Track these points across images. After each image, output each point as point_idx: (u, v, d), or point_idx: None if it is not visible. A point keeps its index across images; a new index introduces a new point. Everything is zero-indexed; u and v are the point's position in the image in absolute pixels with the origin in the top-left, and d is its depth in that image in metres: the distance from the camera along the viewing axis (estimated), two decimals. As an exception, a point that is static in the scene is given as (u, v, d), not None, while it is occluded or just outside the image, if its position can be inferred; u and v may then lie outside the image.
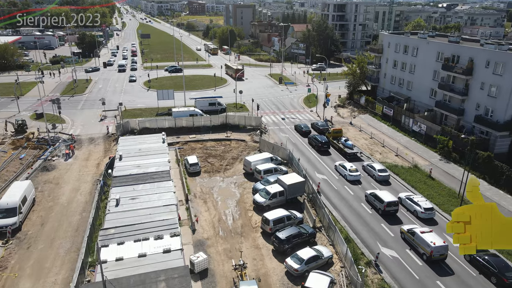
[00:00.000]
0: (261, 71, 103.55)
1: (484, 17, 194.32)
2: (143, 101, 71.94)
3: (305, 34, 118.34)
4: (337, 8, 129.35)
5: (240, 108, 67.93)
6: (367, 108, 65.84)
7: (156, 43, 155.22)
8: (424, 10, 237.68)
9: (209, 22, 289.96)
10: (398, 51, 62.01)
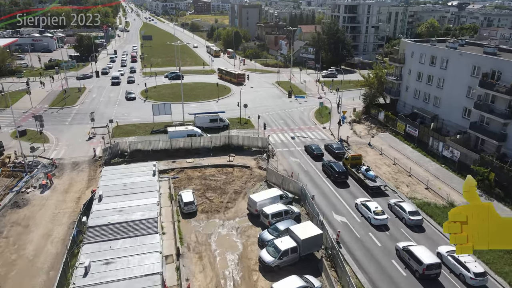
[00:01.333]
0: (268, 78, 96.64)
1: (501, 17, 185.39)
2: (138, 114, 65.43)
3: (314, 37, 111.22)
4: (348, 9, 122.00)
5: (245, 124, 61.20)
6: (387, 125, 58.78)
7: (158, 45, 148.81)
8: (436, 9, 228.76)
9: (214, 22, 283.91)
10: (423, 62, 54.85)
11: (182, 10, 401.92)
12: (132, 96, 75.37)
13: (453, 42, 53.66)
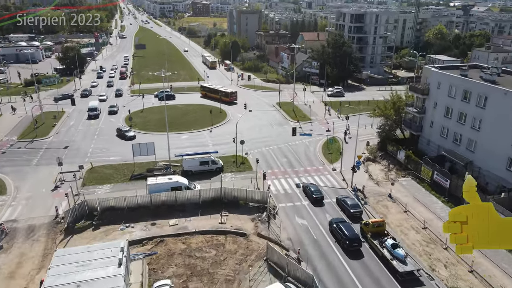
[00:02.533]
0: (268, 97, 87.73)
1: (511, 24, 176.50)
2: (118, 150, 56.58)
3: (318, 50, 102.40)
4: (354, 18, 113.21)
5: (242, 164, 52.37)
6: (408, 167, 49.99)
7: (152, 54, 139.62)
8: (443, 15, 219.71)
9: (213, 26, 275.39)
10: (453, 96, 46.09)
11: (181, 12, 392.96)
12: (128, 134, 64.99)
13: (490, 73, 44.85)
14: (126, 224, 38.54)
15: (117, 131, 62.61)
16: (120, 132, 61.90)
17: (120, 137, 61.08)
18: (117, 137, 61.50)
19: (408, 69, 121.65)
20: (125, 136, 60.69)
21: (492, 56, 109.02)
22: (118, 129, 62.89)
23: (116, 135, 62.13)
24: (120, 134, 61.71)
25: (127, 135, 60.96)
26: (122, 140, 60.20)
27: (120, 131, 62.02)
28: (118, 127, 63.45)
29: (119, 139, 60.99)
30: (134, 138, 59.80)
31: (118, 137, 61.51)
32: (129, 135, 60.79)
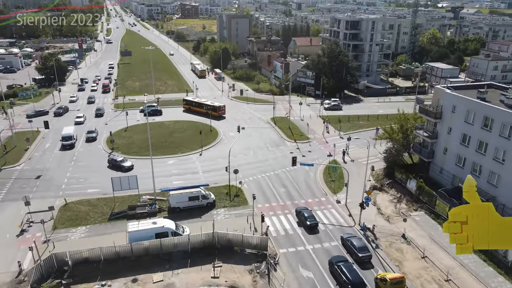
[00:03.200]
0: (262, 111, 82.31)
1: (507, 28, 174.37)
2: (98, 180, 50.63)
3: (314, 60, 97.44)
4: (350, 25, 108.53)
5: (236, 197, 46.95)
6: (420, 198, 45.19)
7: (138, 61, 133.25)
8: (435, 18, 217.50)
9: (202, 29, 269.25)
10: (471, 122, 41.39)
11: (169, 14, 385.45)
12: (91, 137, 62.27)
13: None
14: (102, 281, 32.88)
15: (110, 162, 54.38)
16: (114, 162, 53.83)
17: (115, 168, 53.20)
18: (110, 169, 53.50)
19: (405, 77, 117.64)
20: (121, 167, 52.88)
21: (492, 64, 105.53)
22: (110, 160, 54.65)
23: (108, 166, 54.24)
24: (114, 165, 53.61)
25: (124, 165, 53.11)
26: (110, 170, 53.72)
27: (114, 161, 53.95)
28: (111, 158, 55.06)
29: (100, 163, 55.00)
30: (132, 169, 53.33)
31: (112, 168, 53.50)
32: (126, 166, 53.30)
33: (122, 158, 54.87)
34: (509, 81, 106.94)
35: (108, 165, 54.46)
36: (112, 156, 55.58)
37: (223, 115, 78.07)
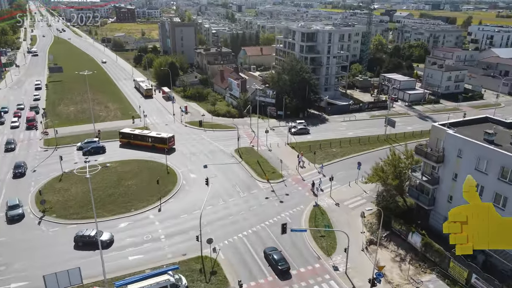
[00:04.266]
0: (223, 139, 73.03)
1: (446, 34, 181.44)
2: (25, 264, 38.35)
3: (273, 77, 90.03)
4: (306, 37, 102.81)
5: (213, 276, 37.48)
6: (427, 256, 39.19)
7: (71, 78, 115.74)
8: (377, 23, 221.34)
9: (141, 35, 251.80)
10: (484, 171, 36.00)
11: (103, 18, 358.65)
12: (16, 214, 45.71)
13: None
14: None
15: (79, 240, 40.78)
16: (86, 239, 40.41)
17: (87, 247, 40.28)
18: (76, 248, 40.61)
19: (363, 88, 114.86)
20: (98, 244, 36.58)
21: (446, 75, 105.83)
22: (79, 238, 40.89)
23: (77, 246, 40.84)
24: (86, 243, 40.32)
25: (102, 240, 39.53)
26: (47, 246, 41.28)
27: (86, 238, 40.42)
28: (79, 234, 41.31)
29: (24, 235, 42.33)
30: (112, 242, 41.70)
31: (82, 247, 40.50)
32: (105, 240, 40.96)
33: (95, 231, 40.48)
34: (462, 91, 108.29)
35: (75, 245, 41.34)
36: (80, 233, 41.75)
37: (173, 147, 67.93)
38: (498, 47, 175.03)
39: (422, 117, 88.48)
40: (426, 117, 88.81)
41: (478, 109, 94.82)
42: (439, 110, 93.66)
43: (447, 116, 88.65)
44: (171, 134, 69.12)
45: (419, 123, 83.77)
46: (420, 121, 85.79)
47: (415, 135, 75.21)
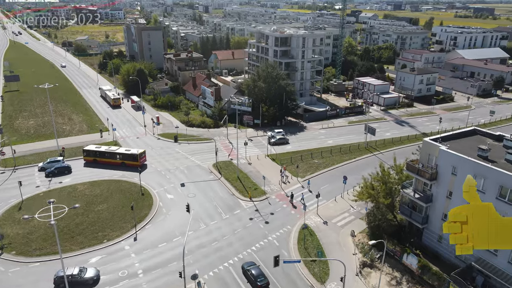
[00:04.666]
0: (199, 153, 69.16)
1: (412, 36, 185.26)
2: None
3: (249, 84, 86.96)
4: (279, 42, 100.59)
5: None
6: (424, 278, 37.48)
7: (30, 88, 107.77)
8: (346, 25, 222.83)
9: (105, 38, 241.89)
10: (481, 190, 34.57)
11: (64, 19, 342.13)
12: None
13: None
14: None
15: (59, 282, 35.84)
16: (70, 279, 35.12)
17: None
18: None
19: (337, 93, 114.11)
20: (83, 284, 36.15)
21: (418, 78, 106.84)
22: (58, 279, 36.05)
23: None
24: (72, 283, 35.09)
25: (86, 279, 36.17)
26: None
27: (68, 278, 34.93)
28: (57, 276, 36.43)
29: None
30: (98, 281, 37.08)
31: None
32: (90, 277, 36.68)
33: (78, 269, 37.10)
34: (434, 93, 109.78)
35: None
36: (60, 273, 36.15)
37: (145, 163, 63.60)
38: (462, 47, 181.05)
39: (398, 122, 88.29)
40: (403, 121, 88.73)
41: (451, 112, 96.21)
42: (414, 114, 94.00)
43: (422, 120, 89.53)
44: (142, 150, 64.49)
45: (396, 129, 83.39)
46: (397, 126, 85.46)
47: (395, 142, 74.49)
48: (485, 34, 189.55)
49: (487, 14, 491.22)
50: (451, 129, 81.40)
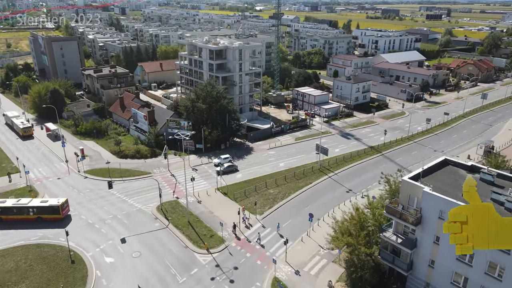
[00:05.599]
0: (137, 193, 59.48)
1: (338, 40, 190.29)
2: None
3: (187, 106, 78.54)
4: (215, 54, 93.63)
5: None
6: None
7: None
8: (270, 29, 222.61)
9: (7, 47, 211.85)
10: (473, 237, 31.75)
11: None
12: None
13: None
14: None
15: None
16: None
17: None
18: None
19: (277, 105, 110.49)
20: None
21: (355, 87, 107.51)
22: None
23: None
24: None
25: None
26: None
27: None
28: None
29: None
30: None
31: None
32: None
33: None
34: (369, 101, 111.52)
35: None
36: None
37: (68, 214, 52.92)
38: (383, 51, 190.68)
39: (344, 135, 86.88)
40: (348, 134, 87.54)
41: (389, 120, 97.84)
42: (357, 125, 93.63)
43: (365, 132, 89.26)
44: (63, 199, 53.04)
45: (344, 143, 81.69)
46: (344, 140, 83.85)
47: (346, 159, 72.27)
48: (402, 38, 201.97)
49: (394, 15, 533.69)
50: (395, 140, 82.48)
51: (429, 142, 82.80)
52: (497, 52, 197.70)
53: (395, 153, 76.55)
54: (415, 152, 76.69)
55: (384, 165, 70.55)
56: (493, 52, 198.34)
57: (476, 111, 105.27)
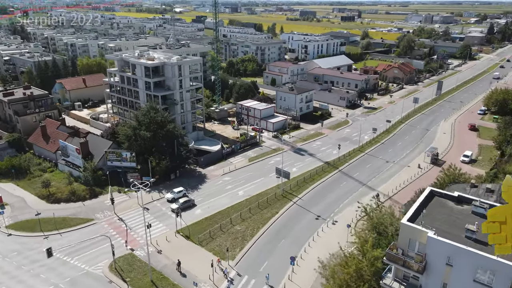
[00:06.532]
0: (82, 250, 49.75)
1: (270, 46, 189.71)
2: None
3: (128, 135, 69.16)
4: (151, 71, 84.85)
5: None
6: None
7: None
8: (204, 37, 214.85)
9: None
10: (485, 283, 29.99)
11: None
12: None
13: None
14: None
15: None
16: None
17: None
18: None
19: (221, 120, 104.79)
20: None
21: (298, 97, 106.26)
22: None
23: None
24: None
25: None
26: None
27: None
28: None
29: None
30: None
31: None
32: None
33: None
34: (312, 110, 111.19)
35: None
36: None
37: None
38: (312, 55, 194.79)
39: (296, 151, 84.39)
40: (300, 149, 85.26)
41: (336, 130, 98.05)
42: (306, 138, 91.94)
43: (317, 145, 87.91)
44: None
45: (299, 160, 79.19)
46: (298, 156, 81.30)
47: (307, 180, 69.55)
48: (328, 42, 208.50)
49: (312, 16, 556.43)
50: (348, 153, 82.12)
51: (378, 152, 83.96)
52: (412, 53, 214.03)
53: (351, 167, 75.90)
54: (370, 165, 76.91)
55: (344, 182, 69.32)
56: (409, 53, 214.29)
57: (410, 116, 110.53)
